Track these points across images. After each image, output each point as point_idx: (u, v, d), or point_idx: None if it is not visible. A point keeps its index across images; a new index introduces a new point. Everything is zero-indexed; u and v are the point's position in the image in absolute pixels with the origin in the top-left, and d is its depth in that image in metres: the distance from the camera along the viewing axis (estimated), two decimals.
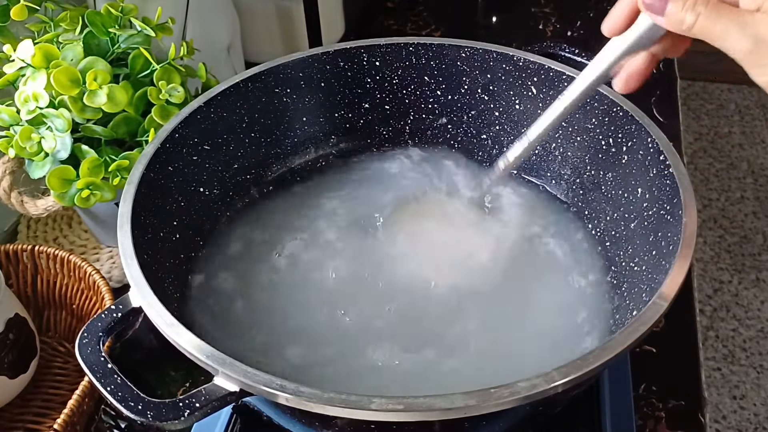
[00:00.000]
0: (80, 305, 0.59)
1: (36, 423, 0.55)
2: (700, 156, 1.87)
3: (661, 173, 0.46)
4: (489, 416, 0.34)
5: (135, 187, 0.45)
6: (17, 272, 0.60)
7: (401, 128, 0.62)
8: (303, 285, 0.51)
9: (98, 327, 0.40)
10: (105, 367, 0.37)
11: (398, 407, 0.32)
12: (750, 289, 1.55)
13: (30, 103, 0.53)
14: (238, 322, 0.49)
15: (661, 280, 0.39)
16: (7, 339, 0.51)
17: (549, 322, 0.48)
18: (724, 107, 2.03)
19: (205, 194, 0.54)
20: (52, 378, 0.58)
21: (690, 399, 0.53)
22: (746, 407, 1.34)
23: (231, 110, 0.54)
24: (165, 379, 0.57)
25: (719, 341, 1.45)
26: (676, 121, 0.79)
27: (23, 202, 0.59)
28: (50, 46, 0.55)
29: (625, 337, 0.35)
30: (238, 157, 0.56)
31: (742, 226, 1.69)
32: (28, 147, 0.54)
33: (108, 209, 0.61)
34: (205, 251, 0.54)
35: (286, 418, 0.40)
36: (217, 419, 0.51)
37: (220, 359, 0.35)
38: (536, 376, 0.33)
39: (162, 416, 0.35)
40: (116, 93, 0.54)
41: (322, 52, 0.57)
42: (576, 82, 0.45)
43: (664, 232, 0.44)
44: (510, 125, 0.59)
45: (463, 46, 0.57)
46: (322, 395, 0.33)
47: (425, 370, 0.45)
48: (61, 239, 0.69)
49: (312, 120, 0.60)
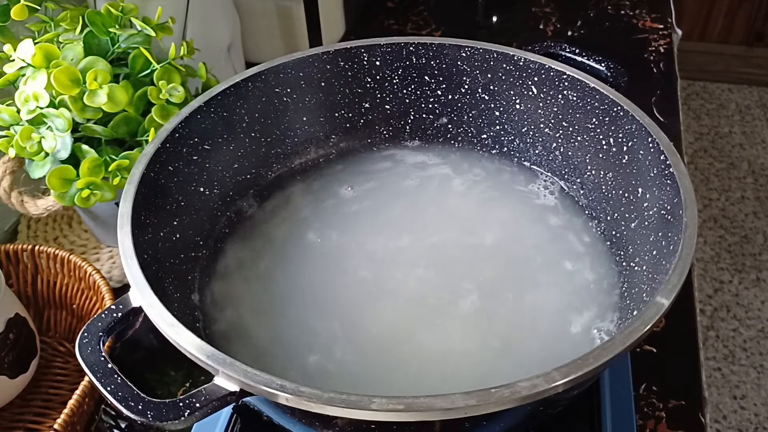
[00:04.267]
0: (80, 305, 0.59)
1: (36, 423, 0.55)
2: (700, 156, 1.87)
3: (662, 173, 0.46)
4: (489, 416, 0.34)
5: (135, 187, 0.45)
6: (17, 272, 0.60)
7: (401, 128, 0.62)
8: (304, 285, 0.51)
9: (98, 327, 0.40)
10: (105, 367, 0.37)
11: (398, 407, 0.32)
12: (750, 289, 1.55)
13: (30, 103, 0.53)
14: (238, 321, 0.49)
15: (661, 280, 0.39)
16: (8, 339, 0.51)
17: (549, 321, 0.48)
18: (724, 107, 2.03)
19: (205, 194, 0.54)
20: (52, 378, 0.58)
21: (690, 399, 0.53)
22: (747, 407, 1.34)
23: (231, 110, 0.54)
24: (165, 379, 0.57)
25: (720, 341, 1.45)
26: (677, 120, 0.79)
27: (23, 202, 0.59)
28: (50, 45, 0.54)
29: (626, 337, 0.35)
30: (239, 156, 0.56)
31: (742, 226, 1.68)
32: (28, 147, 0.54)
33: (108, 209, 0.61)
34: (206, 251, 0.54)
35: (287, 418, 0.40)
36: (217, 419, 0.51)
37: (220, 359, 0.35)
38: (537, 376, 0.33)
39: (162, 416, 0.35)
40: (116, 93, 0.54)
41: (322, 52, 0.57)
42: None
43: (665, 231, 0.44)
44: (510, 125, 0.59)
45: (464, 46, 0.57)
46: (323, 395, 0.33)
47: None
48: (61, 239, 0.69)
49: (312, 120, 0.60)
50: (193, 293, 0.51)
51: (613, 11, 0.99)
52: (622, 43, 0.93)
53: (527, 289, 0.50)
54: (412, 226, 0.55)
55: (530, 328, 0.48)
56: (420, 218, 0.56)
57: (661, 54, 0.90)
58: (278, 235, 0.55)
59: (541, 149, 0.58)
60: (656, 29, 0.95)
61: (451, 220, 0.56)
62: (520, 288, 0.50)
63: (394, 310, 0.49)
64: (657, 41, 0.92)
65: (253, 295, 0.51)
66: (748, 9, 1.95)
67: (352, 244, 0.54)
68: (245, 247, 0.54)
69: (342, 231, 0.55)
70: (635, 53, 0.91)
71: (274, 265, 0.53)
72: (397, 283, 0.51)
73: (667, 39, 0.93)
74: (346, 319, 0.49)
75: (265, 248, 0.54)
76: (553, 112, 0.56)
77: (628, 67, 0.56)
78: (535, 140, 0.58)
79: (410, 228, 0.55)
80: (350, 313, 0.49)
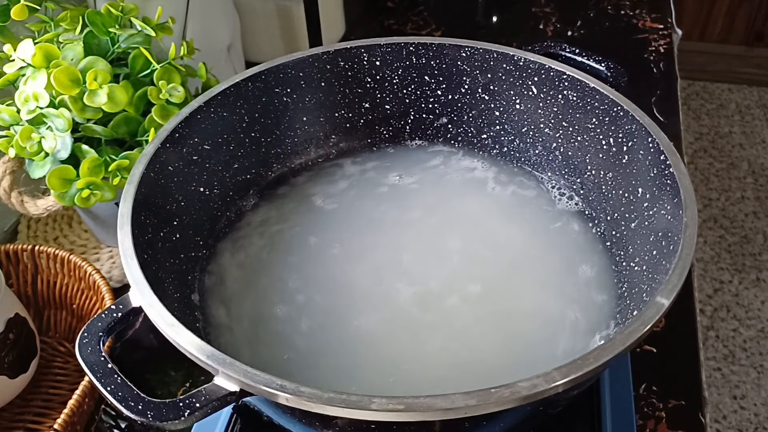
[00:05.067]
0: (80, 305, 0.59)
1: (36, 423, 0.55)
2: (700, 156, 1.87)
3: (662, 173, 0.46)
4: (489, 416, 0.34)
5: (135, 187, 0.45)
6: (17, 272, 0.60)
7: (401, 128, 0.62)
8: (304, 285, 0.51)
9: (98, 327, 0.40)
10: (105, 367, 0.37)
11: (399, 407, 0.32)
12: (750, 289, 1.55)
13: (30, 103, 0.53)
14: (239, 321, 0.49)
15: (661, 280, 0.39)
16: (8, 339, 0.51)
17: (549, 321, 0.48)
18: (724, 107, 2.03)
19: (205, 194, 0.54)
20: (52, 378, 0.58)
21: (690, 399, 0.53)
22: (746, 407, 1.34)
23: (231, 110, 0.54)
24: (165, 379, 0.57)
25: (720, 341, 1.45)
26: (677, 120, 0.79)
27: (23, 202, 0.59)
28: (50, 45, 0.54)
29: (626, 337, 0.35)
30: (239, 156, 0.56)
31: (742, 226, 1.68)
32: (28, 147, 0.54)
33: (108, 209, 0.61)
34: (206, 251, 0.54)
35: (287, 418, 0.40)
36: (217, 419, 0.51)
37: (220, 359, 0.35)
38: (536, 376, 0.33)
39: (162, 416, 0.35)
40: (116, 93, 0.54)
41: (322, 52, 0.57)
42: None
43: (665, 231, 0.44)
44: (510, 125, 0.59)
45: (464, 46, 0.57)
46: (323, 395, 0.33)
47: None
48: (61, 239, 0.69)
49: (312, 120, 0.60)
50: (193, 293, 0.51)
51: (613, 11, 0.99)
52: (622, 43, 0.93)
53: (526, 289, 0.50)
54: (412, 227, 0.55)
55: (529, 329, 0.48)
56: (419, 218, 0.56)
57: (661, 54, 0.90)
58: (278, 236, 0.55)
59: (541, 149, 0.58)
60: (656, 29, 0.95)
61: (451, 219, 0.56)
62: (519, 288, 0.50)
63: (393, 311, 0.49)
64: (657, 41, 0.92)
65: (253, 295, 0.51)
66: (748, 9, 1.95)
67: (352, 244, 0.54)
68: (246, 247, 0.54)
69: (342, 231, 0.55)
70: (635, 53, 0.91)
71: (275, 265, 0.53)
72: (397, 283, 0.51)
73: (667, 39, 0.93)
74: (345, 319, 0.49)
75: (266, 249, 0.54)
76: (553, 112, 0.56)
77: (628, 67, 0.56)
78: (535, 140, 0.58)
79: (410, 228, 0.55)
80: (350, 312, 0.49)
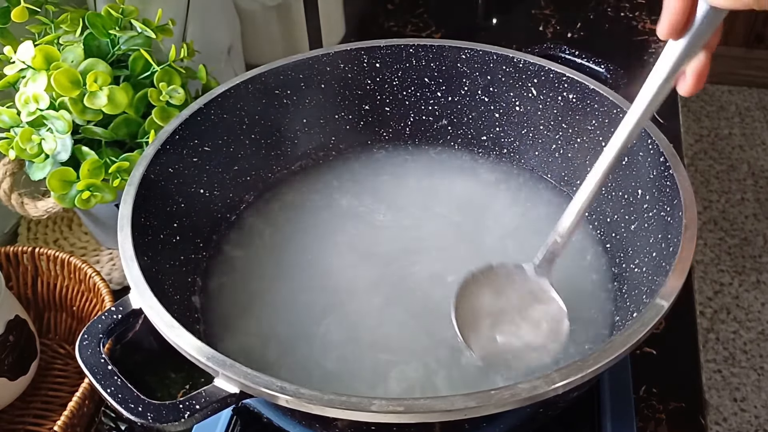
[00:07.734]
0: (80, 307, 0.59)
1: (36, 425, 0.55)
2: (700, 158, 1.87)
3: (662, 175, 0.46)
4: (489, 418, 0.34)
5: (135, 189, 0.45)
6: (17, 274, 0.60)
7: (401, 130, 0.62)
8: (305, 287, 0.51)
9: (98, 329, 0.40)
10: (105, 368, 0.37)
11: (398, 409, 0.32)
12: (750, 291, 1.55)
13: (30, 105, 0.53)
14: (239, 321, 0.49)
15: (661, 282, 0.39)
16: (8, 341, 0.51)
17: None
18: (724, 109, 2.03)
19: (205, 196, 0.54)
20: (52, 380, 0.57)
21: (690, 401, 0.53)
22: (747, 409, 1.34)
23: (231, 112, 0.54)
24: (165, 380, 0.57)
25: (720, 343, 1.45)
26: (677, 122, 0.79)
27: (23, 204, 0.59)
28: (51, 47, 0.55)
29: (626, 338, 0.35)
30: (239, 158, 0.56)
31: (742, 228, 1.68)
32: (28, 148, 0.54)
33: (108, 211, 0.61)
34: (206, 253, 0.54)
35: (287, 419, 0.40)
36: (217, 421, 0.51)
37: (220, 361, 0.35)
38: (537, 378, 0.33)
39: (162, 418, 0.35)
40: (116, 94, 0.54)
41: (322, 54, 0.57)
42: (645, 87, 0.42)
43: (665, 233, 0.44)
44: (510, 127, 0.59)
45: (464, 48, 0.57)
46: (323, 397, 0.33)
47: None
48: (61, 241, 0.69)
49: (312, 122, 0.60)
50: (194, 295, 0.51)
51: (613, 13, 0.99)
52: (621, 45, 0.93)
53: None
54: (413, 227, 0.55)
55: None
56: (420, 219, 0.56)
57: None
58: (279, 238, 0.55)
59: (540, 151, 0.58)
60: (656, 31, 0.95)
61: (450, 220, 0.56)
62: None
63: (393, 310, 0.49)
64: (657, 43, 0.92)
65: (253, 296, 0.51)
66: (748, 11, 1.95)
67: (352, 244, 0.54)
68: (246, 249, 0.54)
69: (342, 232, 0.55)
70: (635, 55, 0.91)
71: (275, 266, 0.53)
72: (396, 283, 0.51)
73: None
74: (345, 318, 0.49)
75: (266, 251, 0.54)
76: (553, 114, 0.56)
77: (628, 68, 0.56)
78: (534, 142, 0.58)
79: (410, 229, 0.55)
80: (349, 312, 0.49)
